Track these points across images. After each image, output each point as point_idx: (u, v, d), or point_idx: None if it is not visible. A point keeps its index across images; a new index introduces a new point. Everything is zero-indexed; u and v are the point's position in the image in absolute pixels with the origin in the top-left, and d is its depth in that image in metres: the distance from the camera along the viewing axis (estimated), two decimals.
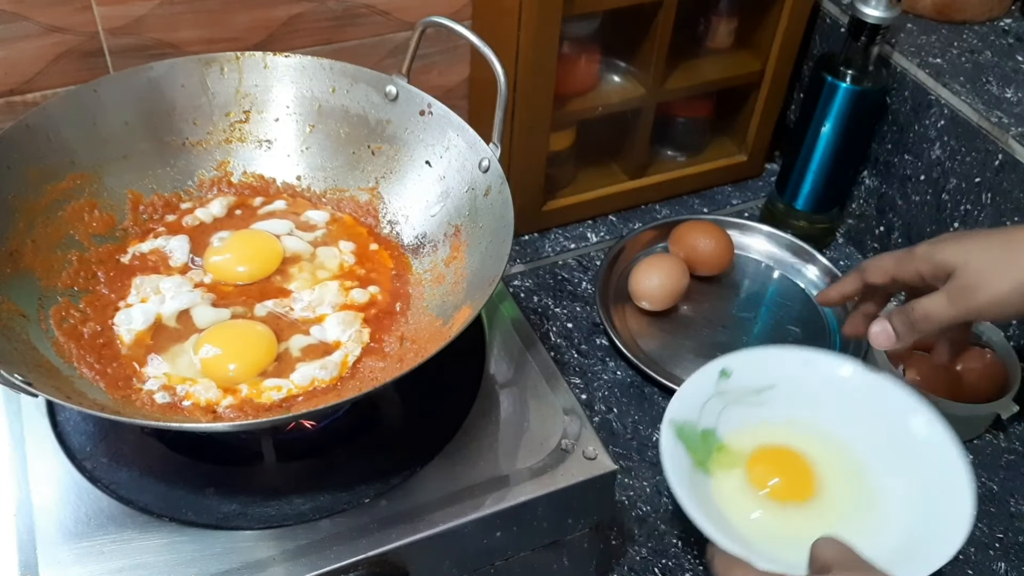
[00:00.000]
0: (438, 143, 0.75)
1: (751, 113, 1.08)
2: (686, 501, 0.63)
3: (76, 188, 0.71)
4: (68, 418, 0.66)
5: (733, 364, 0.74)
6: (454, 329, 0.62)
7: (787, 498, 0.68)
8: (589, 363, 0.91)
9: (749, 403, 0.73)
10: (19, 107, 0.83)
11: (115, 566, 0.58)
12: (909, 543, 0.65)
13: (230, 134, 0.78)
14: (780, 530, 0.66)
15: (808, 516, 0.67)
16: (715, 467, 0.70)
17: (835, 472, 0.70)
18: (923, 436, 0.70)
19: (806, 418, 0.73)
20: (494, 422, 0.68)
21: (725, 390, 0.73)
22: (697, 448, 0.69)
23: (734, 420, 0.72)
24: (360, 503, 0.62)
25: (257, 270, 0.72)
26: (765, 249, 1.03)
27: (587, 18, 0.94)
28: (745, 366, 0.74)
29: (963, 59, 0.95)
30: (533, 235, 1.04)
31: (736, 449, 0.71)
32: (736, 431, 0.72)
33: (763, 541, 0.64)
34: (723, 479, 0.69)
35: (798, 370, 0.75)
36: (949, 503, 0.66)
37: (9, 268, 0.65)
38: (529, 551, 0.67)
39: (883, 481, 0.69)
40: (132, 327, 0.67)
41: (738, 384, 0.74)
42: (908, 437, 0.71)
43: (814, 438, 0.72)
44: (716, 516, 0.65)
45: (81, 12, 0.80)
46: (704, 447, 0.70)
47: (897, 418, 0.72)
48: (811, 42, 1.05)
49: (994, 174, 0.87)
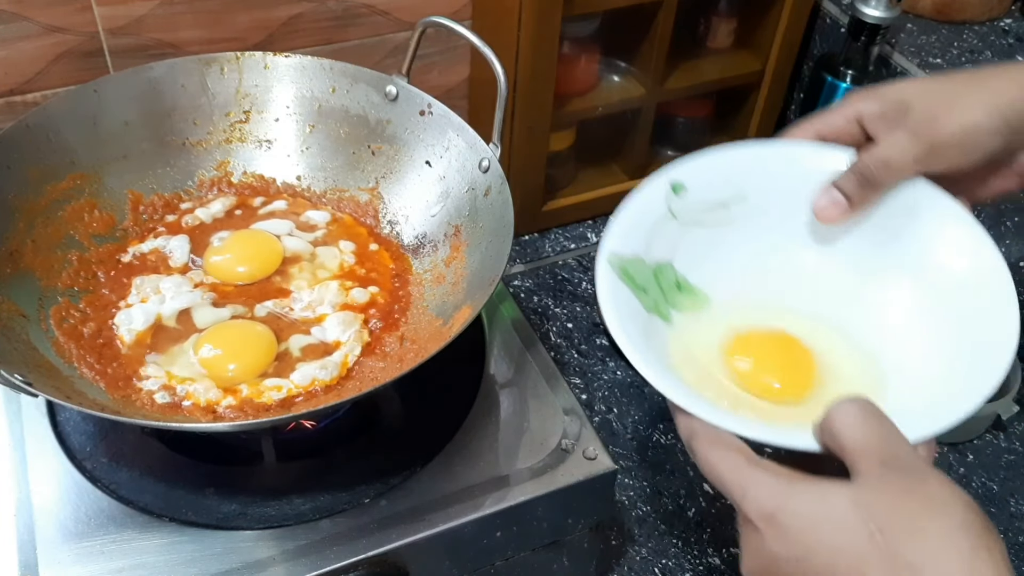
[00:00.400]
0: (438, 143, 0.75)
1: (751, 113, 1.08)
2: (634, 353, 0.49)
3: (76, 188, 0.71)
4: (68, 418, 0.66)
5: (687, 175, 0.58)
6: (454, 329, 0.62)
7: (781, 401, 0.54)
8: (589, 363, 0.91)
9: (714, 223, 0.58)
10: (19, 107, 0.83)
11: (115, 566, 0.58)
12: (935, 399, 0.51)
13: (230, 134, 0.78)
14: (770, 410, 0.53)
15: (806, 407, 0.53)
16: (675, 312, 0.55)
17: (838, 345, 0.56)
18: (955, 254, 0.55)
19: (791, 240, 0.58)
20: (494, 422, 0.68)
21: (680, 209, 0.57)
22: (648, 289, 0.55)
23: (697, 248, 0.57)
24: (360, 503, 0.62)
25: (257, 270, 0.72)
26: None
27: (587, 18, 0.94)
28: (704, 175, 0.58)
29: (963, 59, 0.95)
30: (533, 235, 1.04)
31: (702, 287, 0.57)
32: (699, 261, 0.57)
33: (744, 409, 0.52)
34: (687, 326, 0.55)
35: (778, 172, 0.58)
36: (988, 340, 0.51)
37: (9, 268, 0.65)
38: (529, 551, 0.67)
39: (901, 334, 0.55)
40: (132, 327, 0.67)
41: (697, 199, 0.58)
42: (933, 257, 0.55)
43: (803, 280, 0.57)
44: (679, 373, 0.52)
45: (81, 12, 0.80)
46: (657, 287, 0.55)
47: (919, 229, 0.56)
48: (811, 42, 1.05)
49: None
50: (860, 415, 0.44)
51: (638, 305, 0.54)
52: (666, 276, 0.56)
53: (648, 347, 0.51)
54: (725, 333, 0.56)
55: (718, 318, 0.57)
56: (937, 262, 0.56)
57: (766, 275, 0.59)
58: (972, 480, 0.83)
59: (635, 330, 0.51)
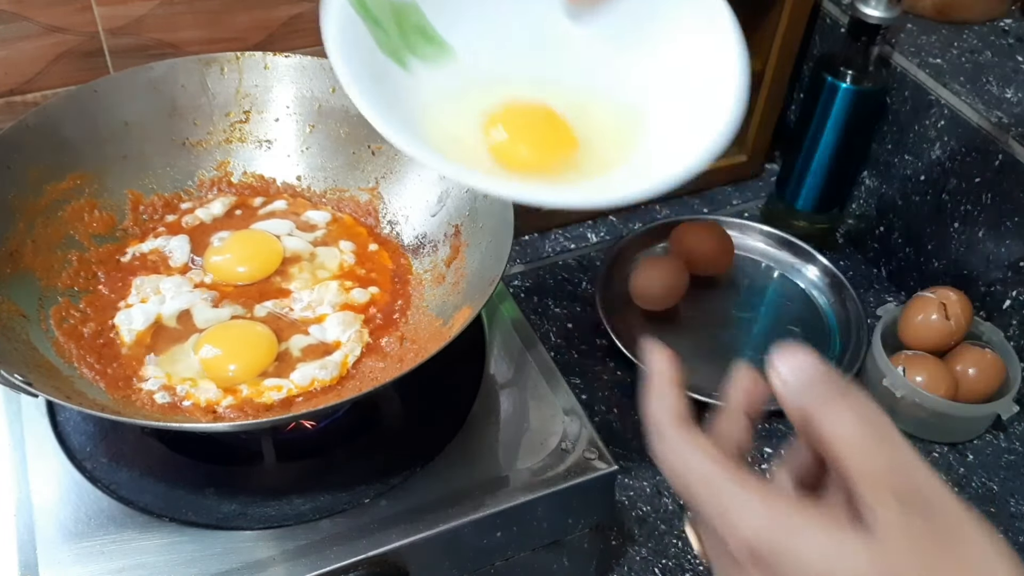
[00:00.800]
0: None
1: (751, 113, 1.08)
2: (358, 93, 0.44)
3: (76, 188, 0.72)
4: (68, 418, 0.66)
5: None
6: (454, 329, 0.62)
7: (539, 169, 0.51)
8: (589, 363, 0.91)
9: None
10: (19, 107, 0.83)
11: (115, 566, 0.58)
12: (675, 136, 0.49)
13: (230, 134, 0.78)
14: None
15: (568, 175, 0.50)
16: (414, 59, 0.50)
17: (597, 112, 0.53)
18: (695, 26, 0.53)
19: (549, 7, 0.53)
20: (494, 422, 0.68)
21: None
22: (385, 25, 0.48)
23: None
24: (360, 503, 0.62)
25: (257, 270, 0.72)
26: (765, 249, 1.03)
27: None
28: None
29: (963, 59, 0.95)
30: (533, 235, 1.04)
31: (449, 38, 0.52)
32: (449, 9, 0.52)
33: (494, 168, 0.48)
34: (431, 82, 0.50)
35: None
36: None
37: (9, 268, 0.65)
38: (529, 551, 0.67)
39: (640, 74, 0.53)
40: (132, 327, 0.67)
41: None
42: (680, 24, 0.53)
43: (559, 49, 0.53)
44: (426, 135, 0.47)
45: (81, 12, 0.80)
46: (396, 26, 0.49)
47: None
48: (811, 42, 1.05)
49: (994, 174, 0.87)
50: (859, 427, 0.35)
51: (372, 43, 0.47)
52: (409, 17, 0.50)
53: (379, 92, 0.45)
54: (479, 103, 0.52)
55: (470, 83, 0.52)
56: (683, 28, 0.54)
57: (518, 38, 0.54)
58: (972, 480, 0.83)
59: (363, 70, 0.46)
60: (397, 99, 0.48)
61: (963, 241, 0.92)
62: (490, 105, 0.52)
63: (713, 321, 0.96)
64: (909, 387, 0.83)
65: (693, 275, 0.96)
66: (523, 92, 0.53)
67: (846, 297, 0.97)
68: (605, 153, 0.51)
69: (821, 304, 0.98)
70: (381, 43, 0.48)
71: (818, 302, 0.98)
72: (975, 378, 0.84)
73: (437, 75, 0.50)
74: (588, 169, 0.50)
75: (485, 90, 0.53)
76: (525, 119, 0.52)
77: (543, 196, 0.45)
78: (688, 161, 0.47)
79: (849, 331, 0.94)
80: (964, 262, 0.92)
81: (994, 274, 0.90)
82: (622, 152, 0.51)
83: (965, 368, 0.85)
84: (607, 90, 0.54)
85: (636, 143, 0.52)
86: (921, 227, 0.97)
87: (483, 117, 0.52)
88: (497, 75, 0.53)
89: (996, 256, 0.89)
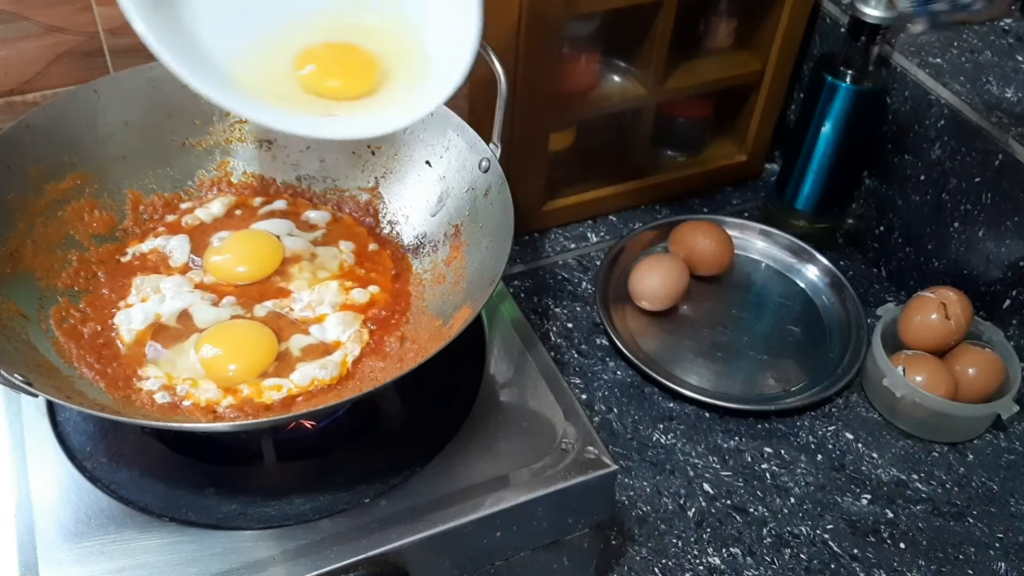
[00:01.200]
0: (438, 143, 0.75)
1: (751, 113, 1.08)
2: (142, 26, 0.48)
3: (76, 188, 0.72)
4: (68, 418, 0.66)
5: None
6: (454, 329, 0.62)
7: (347, 96, 0.59)
8: (589, 363, 0.91)
9: None
10: (19, 107, 0.83)
11: (115, 566, 0.58)
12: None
13: (230, 134, 0.78)
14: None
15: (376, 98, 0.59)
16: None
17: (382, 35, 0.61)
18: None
19: None
20: (494, 422, 0.68)
21: None
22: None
23: None
24: (360, 503, 0.62)
25: (257, 270, 0.72)
26: (765, 249, 1.03)
27: (587, 18, 0.94)
28: None
29: (963, 59, 0.95)
30: (533, 235, 1.04)
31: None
32: None
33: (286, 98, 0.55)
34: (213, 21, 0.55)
35: None
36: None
37: (9, 268, 0.65)
38: (529, 551, 0.67)
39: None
40: (132, 327, 0.67)
41: None
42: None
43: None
44: (202, 58, 0.51)
45: (81, 12, 0.80)
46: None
47: None
48: (811, 42, 1.05)
49: (994, 174, 0.87)
50: None
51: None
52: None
53: (182, 48, 0.50)
54: (286, 45, 0.59)
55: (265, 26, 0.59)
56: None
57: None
58: (972, 480, 0.83)
59: (166, 30, 0.50)
60: (175, 21, 0.52)
61: (963, 241, 0.92)
62: (296, 47, 0.59)
63: (713, 321, 0.96)
64: (909, 387, 0.83)
65: (693, 275, 0.96)
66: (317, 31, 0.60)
67: (846, 297, 0.97)
68: (401, 75, 0.60)
69: (821, 304, 0.98)
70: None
71: (818, 302, 0.98)
72: (975, 378, 0.84)
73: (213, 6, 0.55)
74: (391, 91, 0.58)
75: (286, 32, 0.60)
76: (331, 53, 0.60)
77: (325, 130, 0.53)
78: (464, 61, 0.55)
79: (849, 331, 0.94)
80: (964, 262, 0.92)
81: (994, 274, 0.90)
82: (412, 72, 0.59)
83: (965, 368, 0.85)
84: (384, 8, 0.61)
85: (420, 63, 0.59)
86: (921, 227, 0.97)
87: (293, 57, 0.59)
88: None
89: (996, 256, 0.89)
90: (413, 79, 0.60)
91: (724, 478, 0.81)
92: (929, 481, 0.82)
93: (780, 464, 0.83)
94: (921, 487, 0.82)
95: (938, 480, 0.83)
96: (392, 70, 0.60)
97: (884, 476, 0.83)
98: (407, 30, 0.61)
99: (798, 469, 0.83)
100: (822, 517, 0.79)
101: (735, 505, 0.79)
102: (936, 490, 0.82)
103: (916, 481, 0.82)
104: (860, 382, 0.90)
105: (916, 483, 0.82)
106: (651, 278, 0.93)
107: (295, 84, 0.58)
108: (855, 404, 0.89)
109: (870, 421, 0.87)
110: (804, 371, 0.91)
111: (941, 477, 0.83)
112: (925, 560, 0.76)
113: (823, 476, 0.82)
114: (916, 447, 0.85)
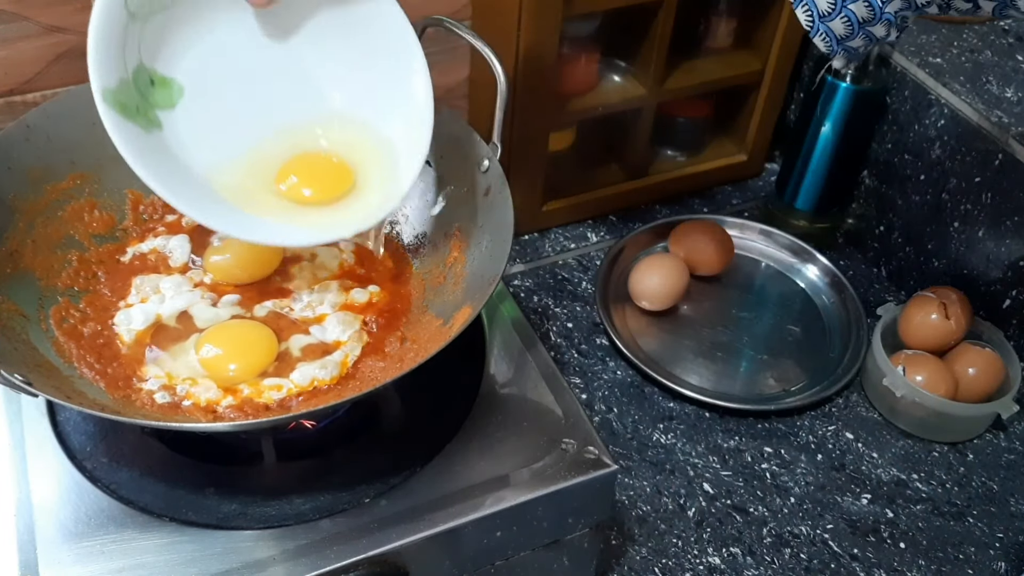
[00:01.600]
0: (438, 143, 0.75)
1: (751, 113, 1.08)
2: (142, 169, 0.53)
3: (76, 188, 0.71)
4: (68, 418, 0.66)
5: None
6: (454, 329, 0.62)
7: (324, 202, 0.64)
8: (589, 363, 0.91)
9: (169, 2, 0.58)
10: (19, 107, 0.83)
11: (115, 566, 0.58)
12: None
13: None
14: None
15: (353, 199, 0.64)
16: (161, 113, 0.56)
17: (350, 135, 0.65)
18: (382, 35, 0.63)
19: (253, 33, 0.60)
20: (494, 422, 0.68)
21: (137, 10, 0.56)
22: (137, 105, 0.55)
23: (159, 34, 0.57)
24: (360, 503, 0.62)
25: (257, 270, 0.72)
26: (765, 249, 1.03)
27: (587, 18, 0.94)
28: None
29: (963, 59, 0.95)
30: (533, 235, 1.04)
31: (172, 75, 0.57)
32: (165, 46, 0.57)
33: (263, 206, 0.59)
34: (177, 121, 0.57)
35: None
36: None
37: (9, 268, 0.65)
38: (529, 551, 0.67)
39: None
40: (132, 327, 0.67)
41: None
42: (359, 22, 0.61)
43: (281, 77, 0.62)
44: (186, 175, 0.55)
45: (81, 12, 0.80)
46: (141, 96, 0.55)
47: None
48: (811, 42, 1.05)
49: (994, 174, 0.87)
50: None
51: (137, 129, 0.54)
52: (141, 79, 0.55)
53: (165, 167, 0.52)
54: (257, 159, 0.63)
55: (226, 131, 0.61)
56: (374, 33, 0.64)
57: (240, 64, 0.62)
58: (972, 480, 0.83)
59: (141, 151, 0.52)
60: (161, 154, 0.56)
61: (963, 241, 0.92)
62: (273, 157, 0.64)
63: (713, 321, 0.96)
64: (909, 387, 0.83)
65: (693, 275, 0.96)
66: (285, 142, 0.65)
67: (846, 297, 0.97)
68: (373, 170, 0.65)
69: (821, 304, 0.98)
70: (141, 123, 0.55)
71: (818, 302, 0.98)
72: (975, 378, 0.84)
73: (190, 125, 0.58)
74: (368, 186, 0.64)
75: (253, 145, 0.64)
76: (307, 166, 0.66)
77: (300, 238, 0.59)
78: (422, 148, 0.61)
79: (849, 331, 0.94)
80: (964, 262, 0.92)
81: (994, 274, 0.90)
82: (382, 164, 0.65)
83: (965, 368, 0.85)
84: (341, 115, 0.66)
85: (387, 156, 0.65)
86: (921, 227, 0.97)
87: (272, 169, 0.64)
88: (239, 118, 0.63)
89: (996, 256, 0.89)
90: (385, 170, 0.66)
91: (724, 478, 0.81)
92: (929, 481, 0.83)
93: (780, 464, 0.83)
94: (921, 487, 0.82)
95: (938, 480, 0.83)
96: (363, 165, 0.66)
97: (884, 476, 0.83)
98: (368, 131, 0.67)
99: (798, 469, 0.83)
100: (822, 517, 0.79)
101: (735, 505, 0.79)
102: (936, 490, 0.82)
103: (916, 481, 0.82)
104: (860, 382, 0.90)
105: (916, 483, 0.82)
106: (651, 278, 0.93)
107: (276, 195, 0.64)
108: (855, 404, 0.89)
109: (870, 421, 0.87)
110: (804, 371, 0.91)
111: (941, 477, 0.83)
112: (925, 560, 0.76)
113: (823, 476, 0.82)
114: (916, 447, 0.85)
